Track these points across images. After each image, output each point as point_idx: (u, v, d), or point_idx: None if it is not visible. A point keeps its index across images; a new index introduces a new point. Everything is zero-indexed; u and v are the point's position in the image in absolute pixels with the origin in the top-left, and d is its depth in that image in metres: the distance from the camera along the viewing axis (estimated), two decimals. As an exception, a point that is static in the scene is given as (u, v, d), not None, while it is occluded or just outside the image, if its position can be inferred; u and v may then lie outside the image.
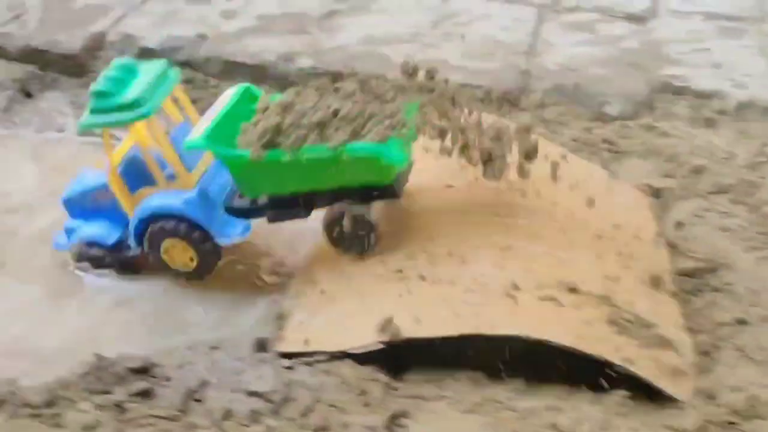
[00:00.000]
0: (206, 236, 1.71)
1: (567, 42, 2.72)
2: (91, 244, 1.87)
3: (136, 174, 1.78)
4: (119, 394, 1.56)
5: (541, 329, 1.39)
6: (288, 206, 1.70)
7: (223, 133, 1.65)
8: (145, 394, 1.57)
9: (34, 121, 2.65)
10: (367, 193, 1.64)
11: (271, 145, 1.59)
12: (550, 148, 2.00)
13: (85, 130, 1.78)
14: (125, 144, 1.83)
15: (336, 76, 2.56)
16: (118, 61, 1.73)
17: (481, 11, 2.94)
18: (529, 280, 1.51)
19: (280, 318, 1.76)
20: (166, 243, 1.74)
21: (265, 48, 2.73)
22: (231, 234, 1.72)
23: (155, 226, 1.72)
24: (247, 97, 1.81)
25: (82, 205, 1.88)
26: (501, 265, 1.55)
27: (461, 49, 2.67)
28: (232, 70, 2.69)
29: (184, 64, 2.75)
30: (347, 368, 1.56)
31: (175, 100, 1.84)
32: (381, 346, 1.52)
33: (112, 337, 1.81)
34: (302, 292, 1.78)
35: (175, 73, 1.77)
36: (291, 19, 2.95)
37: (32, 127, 2.62)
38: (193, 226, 1.69)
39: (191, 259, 1.77)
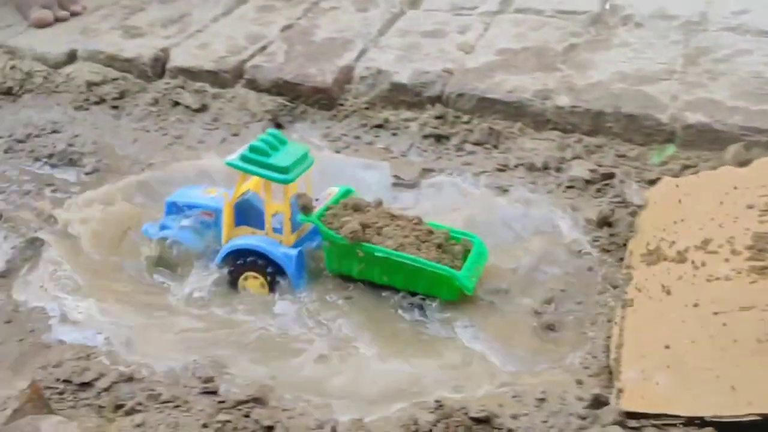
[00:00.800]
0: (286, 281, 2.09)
1: None
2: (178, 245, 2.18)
3: (241, 213, 2.14)
4: (469, 445, 1.55)
5: None
6: None
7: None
8: (494, 447, 1.55)
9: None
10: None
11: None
12: None
13: (230, 167, 2.09)
14: (244, 186, 2.14)
15: (597, 116, 2.55)
16: (271, 131, 2.10)
17: (737, 45, 2.82)
18: None
19: (609, 371, 1.71)
20: (249, 274, 2.10)
21: (517, 84, 2.71)
22: (300, 285, 2.08)
23: (251, 259, 2.08)
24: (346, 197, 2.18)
25: (182, 214, 2.22)
26: None
27: (730, 88, 2.55)
28: (485, 107, 2.69)
29: (435, 100, 2.78)
30: (708, 437, 1.48)
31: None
32: (756, 417, 1.43)
33: (421, 379, 1.82)
34: (629, 344, 1.72)
35: (312, 160, 2.12)
36: (532, 53, 2.92)
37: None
38: (280, 271, 2.07)
39: (261, 285, 2.11)
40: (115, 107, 3.05)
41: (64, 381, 1.76)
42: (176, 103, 3.01)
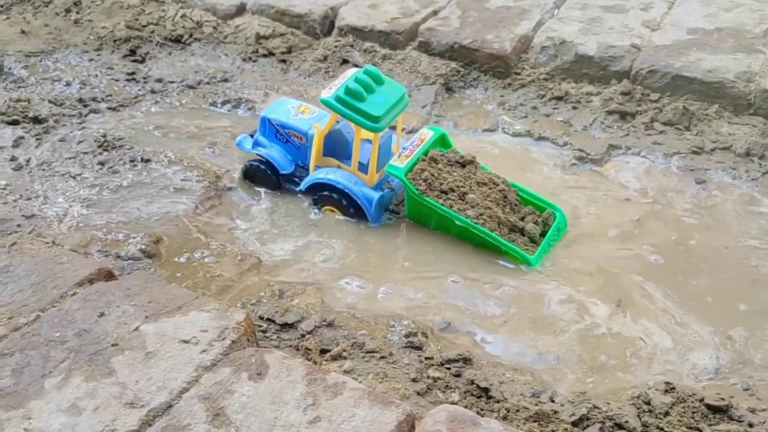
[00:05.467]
0: (362, 215, 2.14)
1: None
2: (268, 164, 2.24)
3: (331, 143, 2.16)
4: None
5: None
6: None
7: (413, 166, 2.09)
8: (735, 438, 1.43)
9: (461, 121, 2.66)
10: None
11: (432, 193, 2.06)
12: None
13: (323, 104, 2.08)
14: (333, 118, 2.14)
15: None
16: (369, 68, 2.12)
17: None
18: None
19: None
20: (329, 206, 2.17)
21: (716, 65, 2.54)
22: (378, 220, 2.15)
23: (334, 195, 2.13)
24: (440, 143, 2.17)
25: (275, 131, 2.25)
26: None
27: None
28: (679, 86, 2.53)
29: (621, 75, 2.64)
30: None
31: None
32: None
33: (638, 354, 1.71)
34: None
35: (408, 101, 2.12)
36: (728, 35, 2.74)
37: (461, 125, 2.64)
38: (357, 208, 2.12)
39: (332, 211, 2.19)
40: (283, 61, 3.04)
41: (267, 320, 1.74)
42: (345, 61, 2.97)
